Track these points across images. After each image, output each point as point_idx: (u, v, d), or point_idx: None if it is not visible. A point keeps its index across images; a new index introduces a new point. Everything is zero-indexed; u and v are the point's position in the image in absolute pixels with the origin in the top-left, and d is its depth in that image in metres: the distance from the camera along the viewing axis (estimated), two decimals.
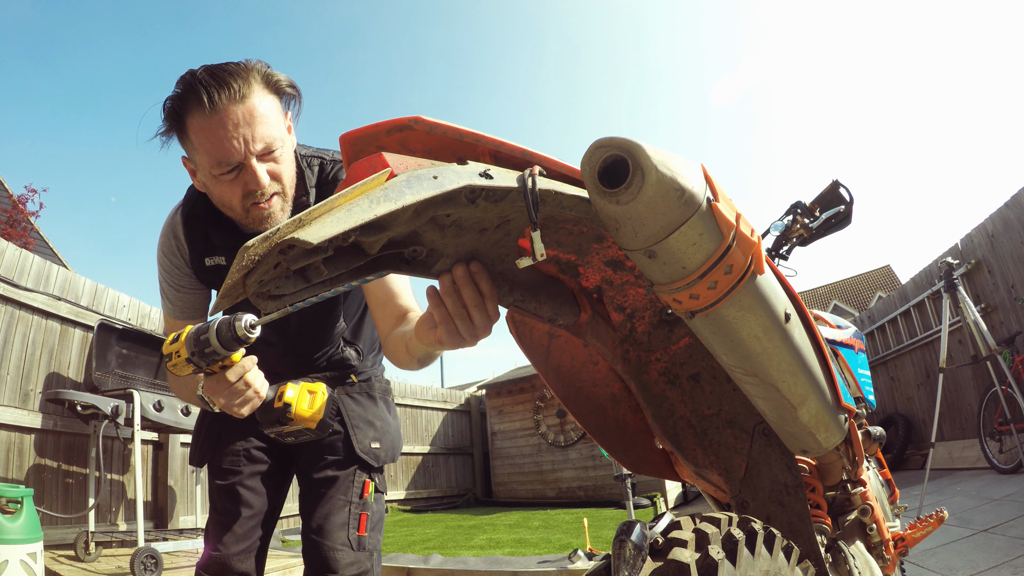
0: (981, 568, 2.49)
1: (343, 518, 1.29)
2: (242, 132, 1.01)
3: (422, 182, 0.45)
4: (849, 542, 1.03)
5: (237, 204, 1.08)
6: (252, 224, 1.12)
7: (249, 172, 1.04)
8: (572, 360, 0.86)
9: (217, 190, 1.08)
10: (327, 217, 0.40)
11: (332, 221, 0.40)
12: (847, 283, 24.25)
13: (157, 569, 3.06)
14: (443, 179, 0.47)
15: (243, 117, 1.01)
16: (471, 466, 9.66)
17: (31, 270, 3.68)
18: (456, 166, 0.50)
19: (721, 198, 0.53)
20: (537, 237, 0.55)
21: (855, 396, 1.29)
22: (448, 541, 4.89)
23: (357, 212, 0.41)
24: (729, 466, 0.77)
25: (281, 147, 1.08)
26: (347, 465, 1.32)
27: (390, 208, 0.42)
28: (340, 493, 1.31)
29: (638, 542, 0.53)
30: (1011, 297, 4.80)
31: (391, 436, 1.41)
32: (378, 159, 0.49)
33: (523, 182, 0.52)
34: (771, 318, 0.60)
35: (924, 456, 4.94)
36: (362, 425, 1.35)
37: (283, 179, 1.10)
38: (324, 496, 1.30)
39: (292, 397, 1.08)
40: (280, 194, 1.10)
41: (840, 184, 1.49)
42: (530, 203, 0.52)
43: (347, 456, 1.32)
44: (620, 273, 0.71)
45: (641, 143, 0.49)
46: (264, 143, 1.04)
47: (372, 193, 0.43)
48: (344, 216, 0.40)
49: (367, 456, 1.33)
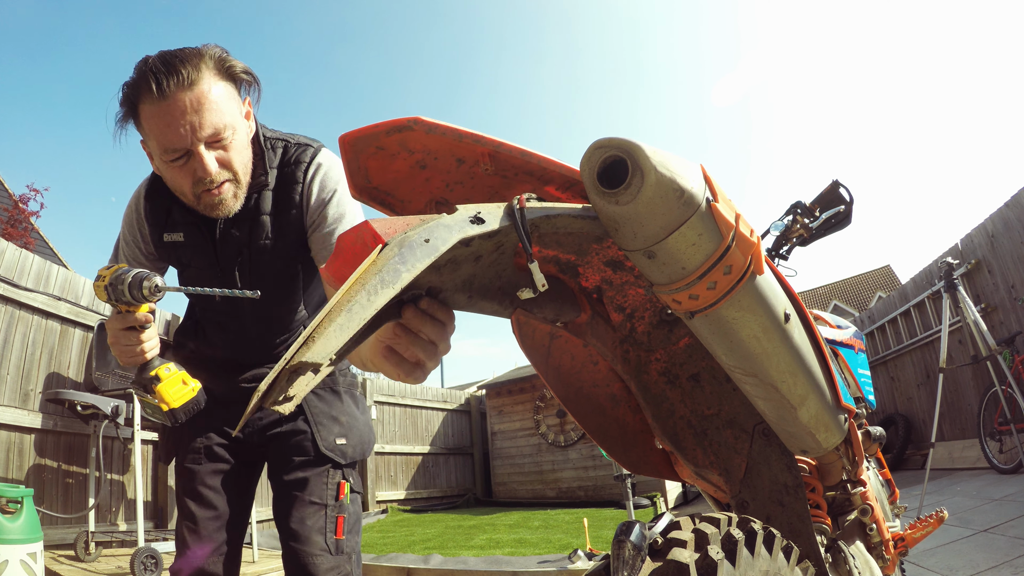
0: (981, 568, 2.49)
1: (320, 522, 1.25)
2: (189, 119, 1.01)
3: (414, 251, 0.45)
4: (849, 542, 1.03)
5: (188, 190, 1.08)
6: (204, 210, 1.12)
7: (197, 159, 1.04)
8: (572, 360, 0.86)
9: (169, 175, 1.09)
10: (330, 328, 0.40)
11: (336, 331, 0.40)
12: (847, 283, 24.25)
13: (157, 569, 3.06)
14: (435, 240, 0.46)
15: (191, 104, 1.01)
16: (471, 466, 9.66)
17: (31, 270, 3.68)
18: (445, 219, 0.49)
19: (720, 198, 0.53)
20: (535, 268, 0.55)
21: (855, 396, 1.29)
22: (448, 541, 4.89)
23: (358, 311, 0.41)
24: (729, 466, 0.77)
25: (232, 134, 1.07)
26: (317, 464, 1.29)
27: (389, 295, 0.43)
28: (314, 496, 1.27)
29: (637, 542, 0.53)
30: (1011, 297, 4.80)
31: (359, 431, 1.37)
32: (364, 228, 0.48)
33: (513, 216, 0.52)
34: (771, 318, 0.60)
35: (924, 456, 4.94)
36: (326, 421, 1.31)
37: (233, 166, 1.09)
38: (297, 499, 1.27)
39: (165, 375, 1.11)
40: (232, 180, 1.10)
41: (840, 184, 1.49)
42: (524, 238, 0.52)
43: (316, 455, 1.29)
44: (620, 273, 0.71)
45: (640, 143, 0.49)
46: (212, 130, 1.03)
47: (368, 283, 0.42)
48: (346, 321, 0.41)
49: (333, 453, 1.30)
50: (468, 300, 0.59)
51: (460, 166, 0.63)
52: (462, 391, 10.43)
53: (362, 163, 0.64)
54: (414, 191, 0.68)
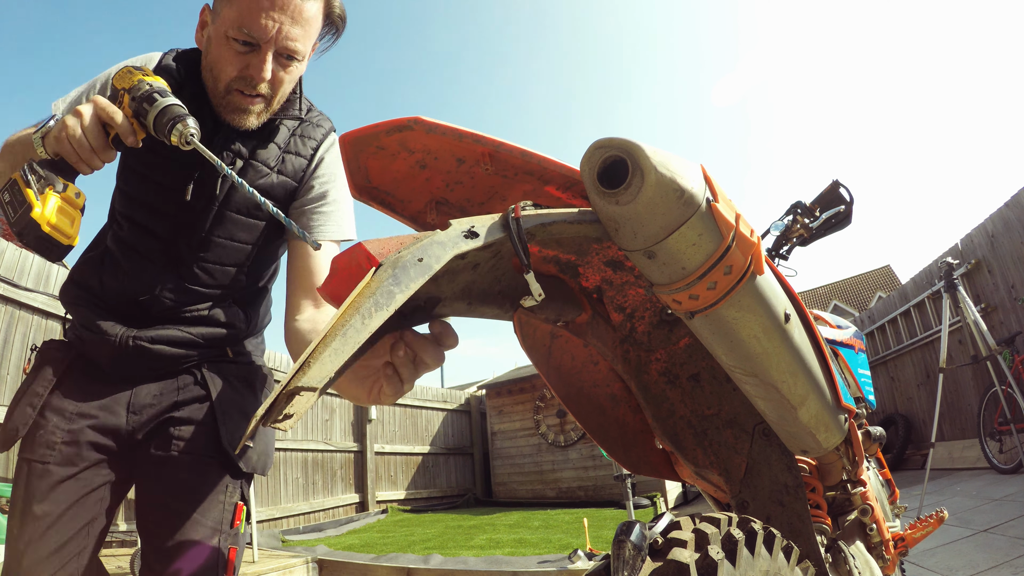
0: (981, 568, 2.49)
1: (210, 558, 0.97)
2: (280, 19, 0.95)
3: (408, 272, 0.45)
4: (849, 542, 1.03)
5: (225, 78, 0.99)
6: (223, 109, 1.02)
7: (258, 58, 0.97)
8: (573, 360, 0.86)
9: (217, 52, 0.98)
10: (325, 353, 0.41)
11: (331, 355, 0.41)
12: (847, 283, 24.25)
13: None
14: (428, 259, 0.46)
15: (292, 9, 0.96)
16: (471, 466, 9.66)
17: (31, 270, 3.68)
18: (439, 235, 0.49)
19: (721, 198, 0.53)
20: (532, 279, 0.55)
21: (855, 396, 1.29)
22: (448, 541, 4.89)
23: (352, 335, 0.42)
24: (729, 466, 0.77)
25: (298, 62, 1.03)
26: (212, 469, 1.03)
27: (384, 317, 0.43)
28: (206, 516, 0.99)
29: (637, 542, 0.53)
30: (1011, 297, 4.80)
31: (265, 441, 1.12)
32: (358, 251, 0.48)
33: (508, 227, 0.52)
34: (771, 318, 0.60)
35: (924, 456, 4.94)
36: (235, 415, 1.08)
37: (278, 89, 1.03)
38: (179, 515, 0.98)
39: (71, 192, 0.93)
40: (265, 100, 1.03)
41: (840, 184, 1.49)
42: (520, 251, 0.52)
43: (215, 452, 1.04)
44: (620, 273, 0.71)
45: (641, 143, 0.49)
46: (292, 46, 0.97)
47: (362, 306, 0.43)
48: (341, 346, 0.41)
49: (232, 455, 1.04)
50: (468, 307, 0.59)
51: (460, 166, 0.63)
52: (462, 391, 10.43)
53: (362, 163, 0.64)
54: (414, 191, 0.68)
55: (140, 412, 1.04)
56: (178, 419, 1.04)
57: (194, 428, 1.04)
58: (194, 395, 1.07)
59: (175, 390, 1.07)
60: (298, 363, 0.41)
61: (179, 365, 1.08)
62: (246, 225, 1.10)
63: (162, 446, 1.03)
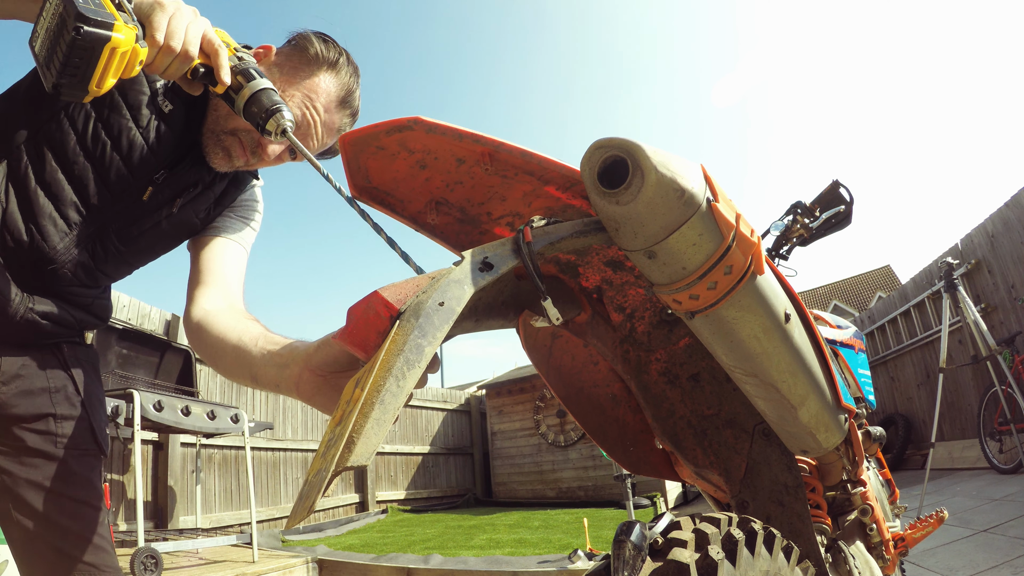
0: (981, 568, 2.49)
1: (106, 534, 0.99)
2: (316, 130, 0.98)
3: (432, 320, 0.45)
4: (849, 542, 1.03)
5: (239, 126, 0.96)
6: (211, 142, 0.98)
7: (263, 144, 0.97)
8: (573, 360, 0.86)
9: None
10: (367, 425, 0.40)
11: (374, 427, 0.40)
12: (847, 283, 24.25)
13: (157, 569, 3.06)
14: (450, 302, 0.46)
15: (326, 127, 1.00)
16: (471, 466, 9.66)
17: None
18: (455, 273, 0.49)
19: (721, 198, 0.53)
20: (549, 305, 0.56)
21: (855, 396, 1.29)
22: (448, 541, 4.89)
23: (391, 401, 0.41)
24: (729, 466, 0.77)
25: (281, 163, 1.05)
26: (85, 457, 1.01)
27: (418, 374, 0.43)
28: (94, 499, 0.99)
29: (638, 542, 0.53)
30: (1011, 297, 4.80)
31: None
32: (375, 299, 0.47)
33: (520, 253, 0.52)
34: (771, 318, 0.60)
35: (924, 456, 4.94)
36: (98, 407, 1.06)
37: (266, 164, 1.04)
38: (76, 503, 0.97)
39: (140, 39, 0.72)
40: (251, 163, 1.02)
41: (840, 184, 1.49)
42: (537, 279, 0.53)
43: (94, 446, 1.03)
44: (620, 273, 0.71)
45: (641, 143, 0.49)
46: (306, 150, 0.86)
47: (394, 367, 0.42)
48: (381, 415, 0.41)
49: (104, 444, 1.05)
50: (476, 323, 0.59)
51: (460, 166, 0.63)
52: (462, 391, 10.43)
53: (362, 163, 0.64)
54: (414, 191, 0.68)
55: (9, 384, 0.94)
56: (58, 415, 0.98)
57: (74, 424, 1.00)
58: (61, 383, 1.00)
59: (40, 367, 0.98)
60: (342, 440, 0.40)
61: (46, 340, 0.99)
62: (173, 241, 1.07)
63: (43, 441, 0.97)
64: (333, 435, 0.42)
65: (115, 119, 0.92)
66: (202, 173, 1.03)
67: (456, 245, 0.75)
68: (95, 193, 0.93)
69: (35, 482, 0.94)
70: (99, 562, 0.96)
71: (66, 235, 0.92)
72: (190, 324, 0.95)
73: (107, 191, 0.94)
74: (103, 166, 0.92)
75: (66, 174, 0.91)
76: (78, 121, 0.91)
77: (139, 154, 0.94)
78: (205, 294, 0.97)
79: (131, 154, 0.93)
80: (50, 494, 0.94)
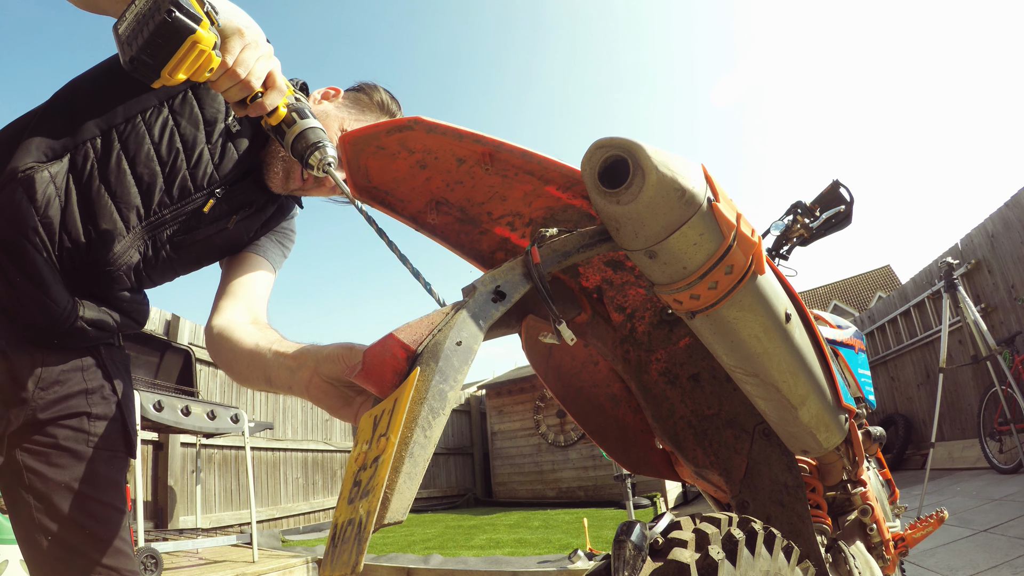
0: (981, 568, 2.49)
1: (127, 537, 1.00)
2: None
3: (451, 362, 0.44)
4: (849, 542, 1.03)
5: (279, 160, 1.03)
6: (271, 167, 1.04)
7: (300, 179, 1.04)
8: (572, 360, 0.86)
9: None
10: (400, 480, 0.40)
11: (407, 482, 0.40)
12: (847, 283, 24.25)
13: (157, 569, 3.06)
14: (467, 340, 0.46)
15: None
16: (471, 466, 9.65)
17: None
18: (469, 306, 0.48)
19: (722, 198, 0.53)
20: (564, 328, 0.55)
21: (855, 396, 1.29)
22: (448, 541, 4.89)
23: (420, 453, 0.41)
24: (729, 466, 0.77)
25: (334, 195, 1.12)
26: (115, 459, 1.01)
27: (443, 423, 0.43)
28: (119, 501, 0.99)
29: (638, 542, 0.53)
30: (1011, 297, 4.80)
31: None
32: (390, 341, 0.47)
33: (532, 277, 0.53)
34: (771, 318, 0.60)
35: (924, 456, 4.94)
36: (131, 407, 1.07)
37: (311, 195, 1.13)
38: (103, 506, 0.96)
39: None
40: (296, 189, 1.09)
41: (840, 184, 1.49)
42: (551, 304, 0.53)
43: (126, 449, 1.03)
44: (620, 273, 0.71)
45: (641, 143, 0.49)
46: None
47: (420, 417, 0.42)
48: (412, 469, 0.41)
49: (134, 446, 1.05)
50: None
51: (460, 166, 0.63)
52: (462, 391, 10.42)
53: (362, 163, 0.64)
54: (414, 191, 0.68)
55: (48, 389, 0.92)
56: (92, 415, 0.97)
57: (107, 424, 0.99)
58: (98, 384, 0.99)
59: (78, 370, 0.98)
60: (376, 497, 0.40)
61: (88, 343, 0.99)
62: (220, 255, 1.11)
63: (75, 439, 0.95)
64: (360, 481, 0.42)
65: (190, 131, 0.95)
66: (257, 194, 1.08)
67: (456, 245, 0.75)
68: (159, 199, 0.95)
69: (64, 484, 0.92)
70: (119, 565, 0.95)
71: (123, 238, 0.92)
72: (211, 332, 0.97)
73: (169, 199, 0.96)
74: (171, 174, 0.95)
75: (135, 177, 0.91)
76: (155, 127, 0.93)
77: (205, 168, 0.97)
78: (232, 306, 1.00)
79: (198, 166, 0.97)
80: (78, 497, 0.93)
